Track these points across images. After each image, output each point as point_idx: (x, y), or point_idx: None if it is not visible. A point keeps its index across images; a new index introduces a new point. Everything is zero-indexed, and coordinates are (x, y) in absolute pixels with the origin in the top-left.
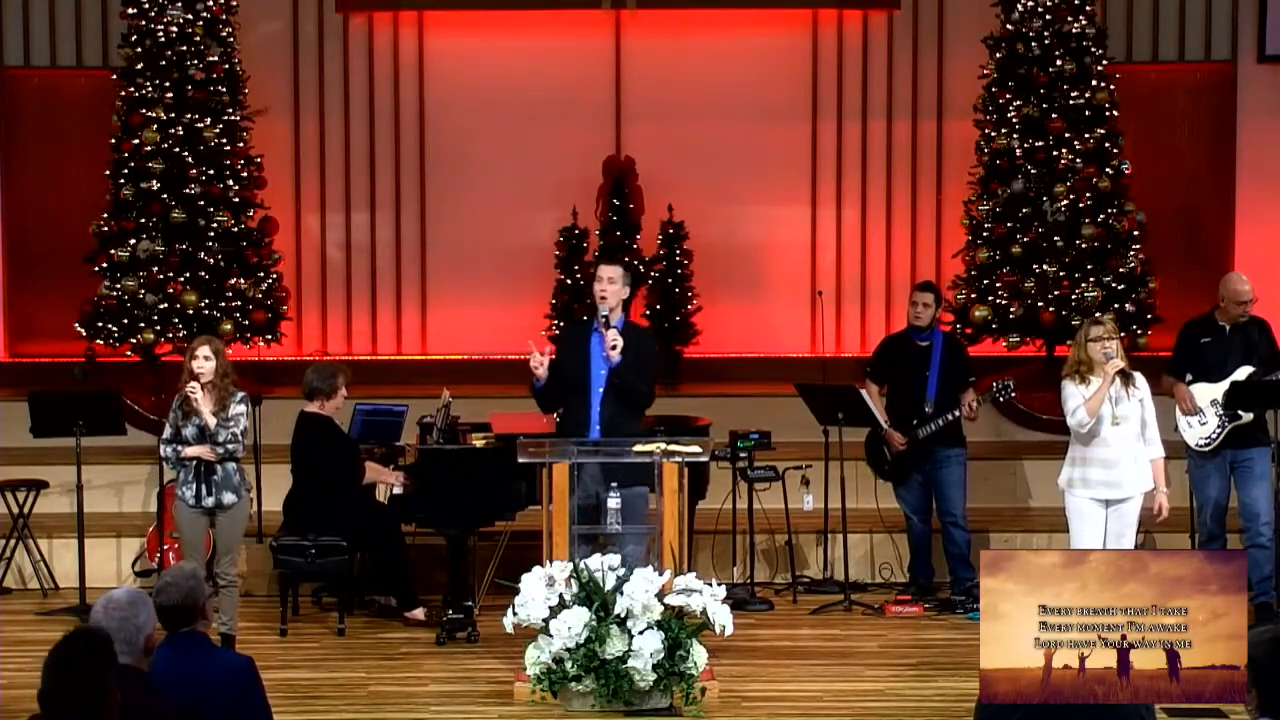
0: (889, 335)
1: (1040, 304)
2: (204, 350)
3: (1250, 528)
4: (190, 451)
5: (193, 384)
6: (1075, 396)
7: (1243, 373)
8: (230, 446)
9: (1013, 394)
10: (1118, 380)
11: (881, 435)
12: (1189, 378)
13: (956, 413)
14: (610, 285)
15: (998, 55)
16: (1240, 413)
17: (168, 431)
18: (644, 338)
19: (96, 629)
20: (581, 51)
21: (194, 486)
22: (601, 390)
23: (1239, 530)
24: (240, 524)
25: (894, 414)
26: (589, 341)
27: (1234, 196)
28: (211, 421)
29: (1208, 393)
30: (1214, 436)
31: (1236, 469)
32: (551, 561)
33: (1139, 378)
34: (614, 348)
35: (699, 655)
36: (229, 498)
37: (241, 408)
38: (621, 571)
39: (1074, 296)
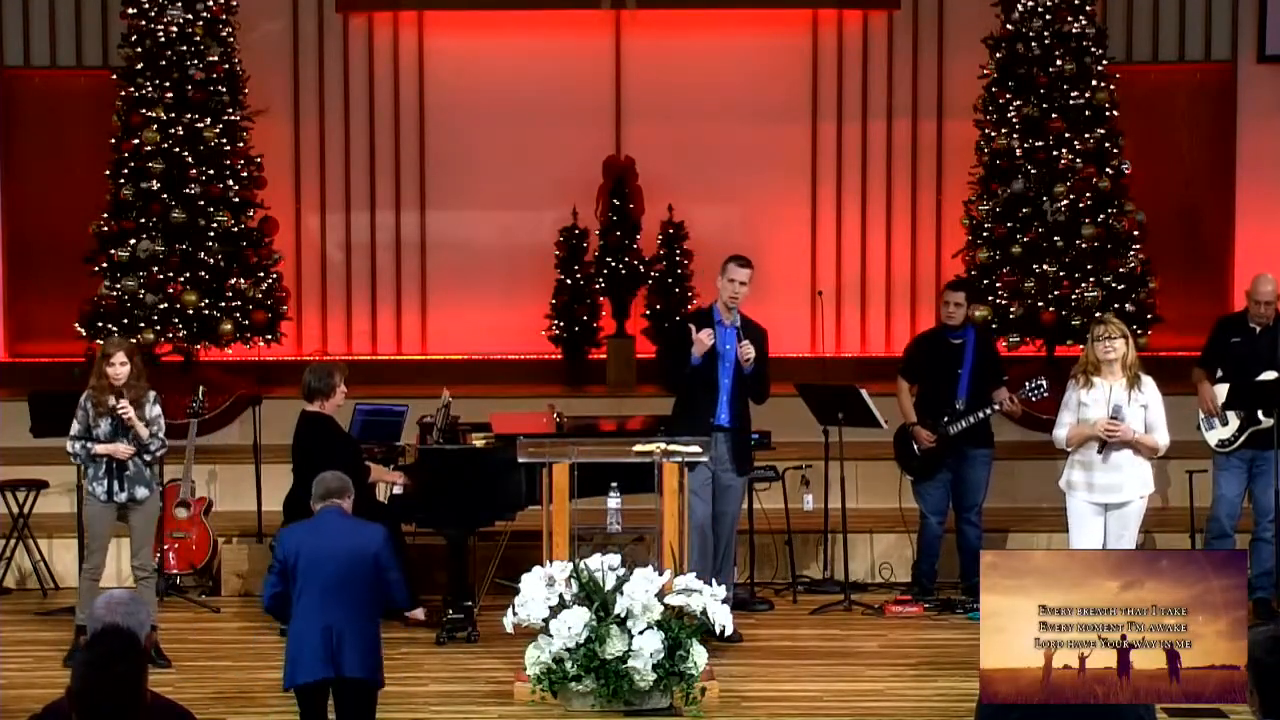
0: (920, 334)
1: (1040, 304)
2: (119, 356)
3: (1260, 523)
4: (102, 449)
5: (124, 404)
6: (1066, 409)
7: (1267, 378)
8: (160, 454)
9: (1045, 394)
10: (1121, 383)
11: (910, 432)
12: (1219, 374)
13: (988, 411)
14: (742, 288)
15: (998, 55)
16: (1261, 416)
17: (76, 428)
18: (759, 333)
19: (125, 629)
20: (581, 51)
21: (105, 483)
22: (729, 382)
23: (1248, 531)
24: (153, 517)
25: (925, 411)
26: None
27: (1234, 196)
28: (145, 433)
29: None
30: (1233, 439)
31: (1255, 468)
32: (551, 561)
33: (1146, 381)
34: (748, 360)
35: (699, 655)
36: (141, 492)
37: (158, 409)
38: (621, 571)
39: (1074, 296)
